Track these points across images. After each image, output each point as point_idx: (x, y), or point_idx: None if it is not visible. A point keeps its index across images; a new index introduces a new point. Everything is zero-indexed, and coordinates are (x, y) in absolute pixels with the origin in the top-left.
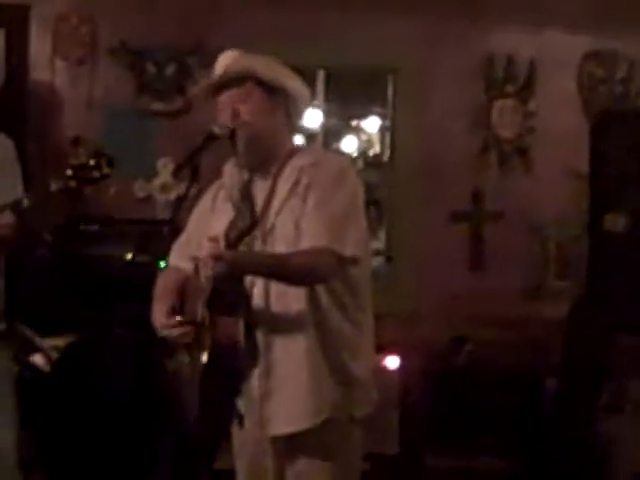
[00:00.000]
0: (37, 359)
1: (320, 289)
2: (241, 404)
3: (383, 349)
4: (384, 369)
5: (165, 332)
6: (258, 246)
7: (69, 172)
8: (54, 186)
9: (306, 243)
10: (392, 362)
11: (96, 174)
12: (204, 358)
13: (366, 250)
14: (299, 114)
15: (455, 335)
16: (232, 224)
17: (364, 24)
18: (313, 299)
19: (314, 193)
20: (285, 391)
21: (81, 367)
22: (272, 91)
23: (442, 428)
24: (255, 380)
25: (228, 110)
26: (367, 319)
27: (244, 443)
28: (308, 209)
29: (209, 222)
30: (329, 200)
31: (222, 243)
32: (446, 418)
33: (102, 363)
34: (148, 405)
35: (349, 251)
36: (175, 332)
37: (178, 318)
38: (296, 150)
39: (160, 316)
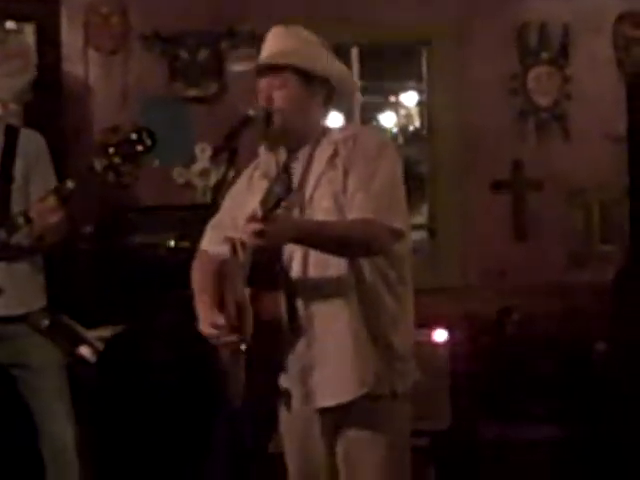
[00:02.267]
0: (84, 351)
1: (362, 261)
2: (285, 380)
3: (431, 323)
4: (433, 343)
5: (212, 340)
6: (296, 216)
7: (111, 150)
8: (98, 165)
9: (352, 216)
10: (440, 336)
11: (139, 147)
12: (248, 339)
13: (408, 223)
14: (343, 98)
15: (502, 306)
16: (267, 191)
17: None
18: (355, 271)
19: (356, 167)
20: (328, 363)
21: (128, 357)
22: (311, 79)
23: (493, 400)
24: (297, 353)
25: (264, 95)
26: (408, 292)
27: (292, 422)
28: (352, 184)
29: (245, 201)
30: (374, 174)
31: (259, 212)
32: (497, 389)
33: (148, 352)
34: (197, 391)
35: (397, 224)
36: (221, 341)
37: (222, 321)
38: (330, 129)
39: (205, 317)
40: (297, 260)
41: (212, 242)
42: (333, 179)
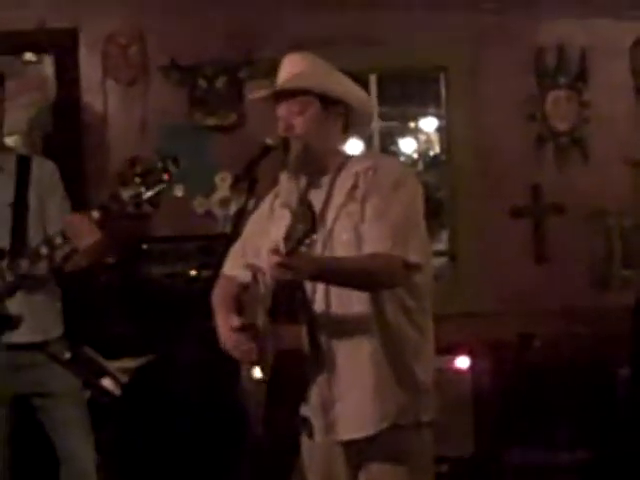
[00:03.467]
0: (106, 383)
1: (383, 293)
2: (307, 411)
3: (453, 350)
4: (455, 370)
5: (231, 350)
6: (318, 250)
7: (137, 180)
8: (125, 194)
9: (368, 249)
10: (463, 362)
11: (165, 176)
12: (268, 370)
13: (428, 254)
14: (362, 123)
15: (523, 331)
16: (291, 227)
17: (410, 24)
18: (376, 303)
19: (374, 198)
20: (350, 396)
21: (151, 388)
22: (330, 103)
23: (517, 425)
24: (319, 386)
25: (283, 121)
26: (429, 323)
27: (314, 451)
28: (369, 215)
29: (266, 229)
30: (390, 205)
31: (282, 248)
32: (520, 415)
33: (171, 382)
34: (221, 422)
35: (413, 257)
36: (239, 350)
37: (238, 322)
38: (350, 157)
39: (225, 330)
40: (320, 293)
41: (234, 267)
42: (352, 212)
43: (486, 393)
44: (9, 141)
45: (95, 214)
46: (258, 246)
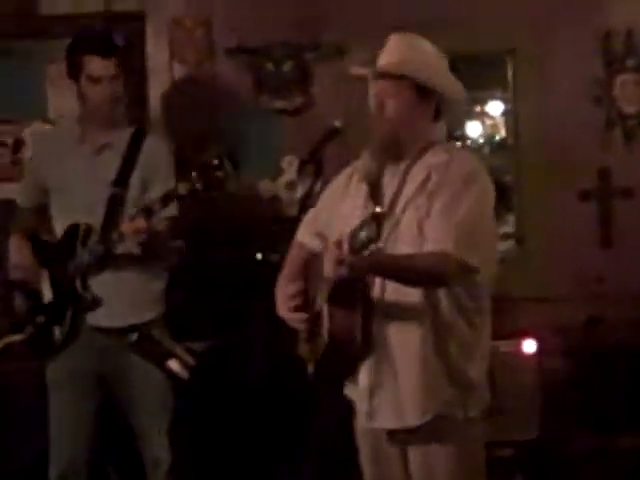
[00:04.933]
0: (173, 365)
1: (440, 291)
2: (353, 393)
3: (519, 333)
4: (522, 354)
5: (285, 315)
6: (382, 241)
7: (194, 174)
8: (182, 189)
9: (430, 246)
10: (529, 346)
11: (220, 174)
12: (319, 350)
13: (493, 254)
14: (453, 113)
15: (590, 315)
16: (358, 228)
17: (477, 7)
18: (431, 298)
19: (442, 194)
20: (394, 385)
21: (219, 371)
22: (425, 91)
23: (584, 410)
24: (367, 371)
25: (376, 101)
26: (485, 322)
27: (364, 433)
28: (435, 211)
29: (342, 200)
30: (459, 203)
31: (346, 247)
32: (587, 399)
33: (238, 365)
34: (289, 403)
35: (473, 260)
36: (295, 319)
37: (292, 290)
38: (431, 145)
39: (281, 300)
40: (377, 282)
41: (305, 234)
42: (420, 206)
43: (553, 377)
44: None
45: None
46: (331, 216)
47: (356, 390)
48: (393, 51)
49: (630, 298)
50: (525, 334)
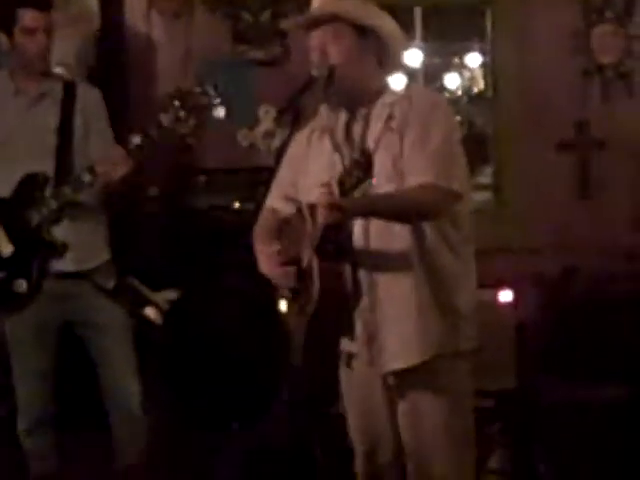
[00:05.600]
0: (149, 312)
1: (424, 225)
2: (347, 344)
3: (495, 284)
4: (498, 304)
5: (271, 275)
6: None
7: (177, 103)
8: (165, 120)
9: (412, 180)
10: (506, 296)
11: (204, 100)
12: (311, 306)
13: (468, 181)
14: (394, 56)
15: (566, 265)
16: (345, 172)
17: None
18: (417, 235)
19: (412, 128)
20: (393, 329)
21: (193, 318)
22: (363, 32)
23: (560, 360)
24: (362, 320)
25: (317, 50)
26: (470, 252)
27: (353, 383)
28: (408, 145)
29: (305, 159)
30: (429, 135)
31: (336, 190)
32: (563, 349)
33: (213, 313)
34: (261, 353)
35: (456, 186)
36: (281, 276)
37: (276, 248)
38: (384, 89)
39: (264, 258)
40: (358, 229)
41: (274, 199)
42: (390, 143)
43: (529, 327)
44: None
45: (136, 139)
46: (297, 182)
47: (354, 341)
48: None
49: (605, 250)
50: (502, 284)
